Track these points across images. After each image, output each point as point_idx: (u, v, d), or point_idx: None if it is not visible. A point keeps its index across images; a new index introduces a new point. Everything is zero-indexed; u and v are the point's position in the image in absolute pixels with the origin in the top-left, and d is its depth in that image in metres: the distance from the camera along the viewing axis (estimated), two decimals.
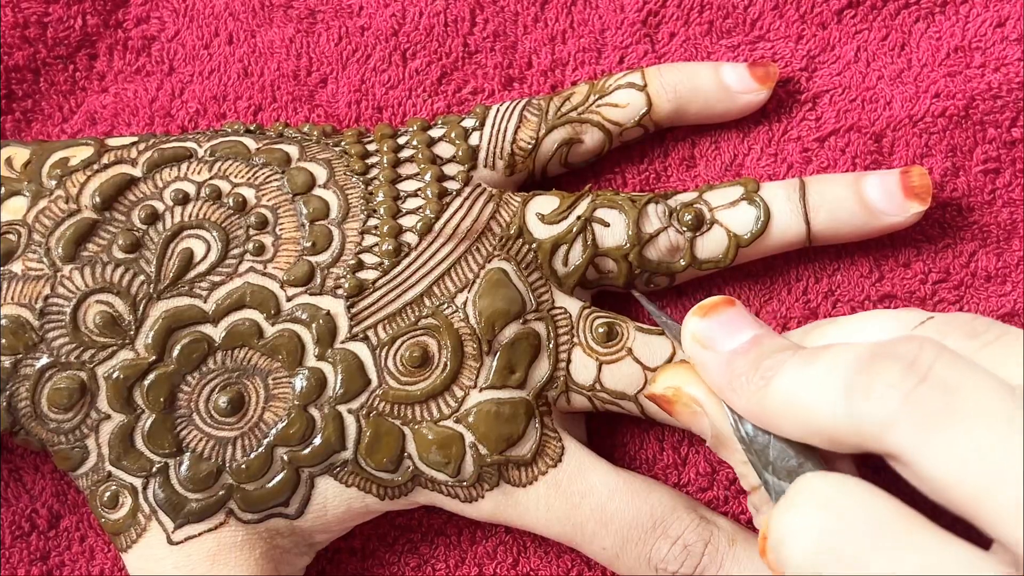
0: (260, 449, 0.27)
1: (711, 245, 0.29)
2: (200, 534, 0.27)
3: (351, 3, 0.33)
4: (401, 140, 0.30)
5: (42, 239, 0.27)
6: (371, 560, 0.31)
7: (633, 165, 0.32)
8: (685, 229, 0.29)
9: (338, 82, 0.33)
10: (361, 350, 0.27)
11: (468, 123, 0.30)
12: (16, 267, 0.27)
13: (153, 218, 0.28)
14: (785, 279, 0.31)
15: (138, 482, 0.27)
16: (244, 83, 0.33)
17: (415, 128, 0.30)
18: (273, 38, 0.33)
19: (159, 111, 0.33)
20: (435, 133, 0.30)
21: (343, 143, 0.29)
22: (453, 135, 0.30)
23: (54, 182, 0.28)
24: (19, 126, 0.33)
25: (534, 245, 0.28)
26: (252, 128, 0.30)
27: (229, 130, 0.30)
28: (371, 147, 0.30)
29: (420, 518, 0.30)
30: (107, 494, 0.27)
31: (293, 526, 0.27)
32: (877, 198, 0.28)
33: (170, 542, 0.27)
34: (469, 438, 0.27)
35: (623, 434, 0.30)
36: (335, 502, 0.27)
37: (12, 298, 0.27)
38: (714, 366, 0.24)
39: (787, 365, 0.22)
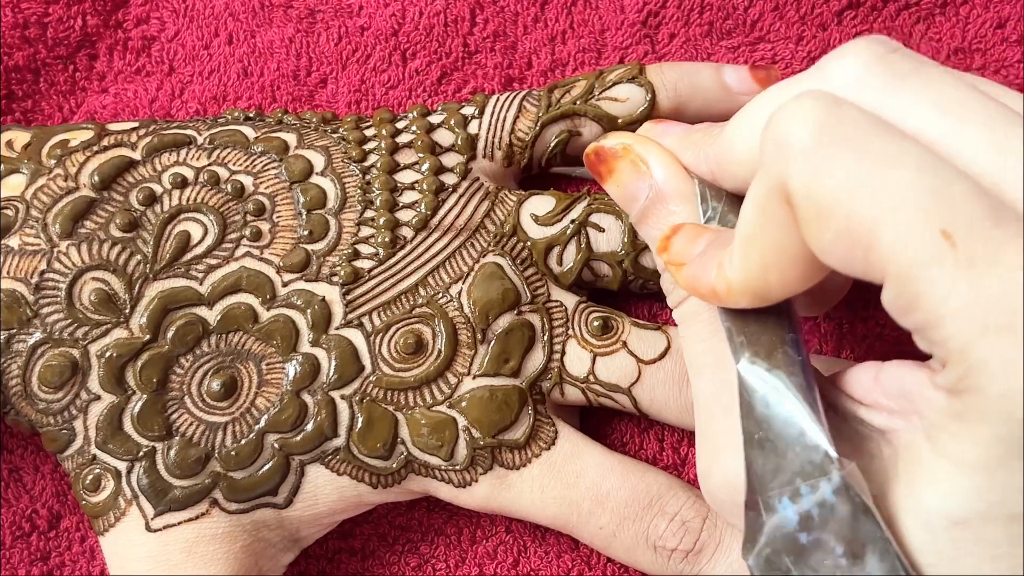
0: (251, 435, 0.27)
1: None
2: (180, 523, 0.27)
3: (351, 3, 0.33)
4: (400, 124, 0.30)
5: (40, 215, 0.27)
6: (371, 560, 0.31)
7: None
8: None
9: (338, 82, 0.33)
10: (355, 336, 0.27)
11: (467, 111, 0.30)
12: (13, 242, 0.27)
13: (151, 200, 0.28)
14: None
15: (122, 466, 0.27)
16: (244, 83, 0.33)
17: (415, 114, 0.30)
18: (273, 38, 0.33)
19: (159, 111, 0.33)
20: (434, 119, 0.30)
21: (341, 129, 0.30)
22: (452, 122, 0.30)
23: (53, 161, 0.28)
24: None
25: (528, 243, 0.29)
26: (252, 115, 0.31)
27: (229, 118, 0.30)
28: (369, 132, 0.30)
29: (420, 518, 0.30)
30: (90, 477, 0.27)
31: (281, 517, 0.27)
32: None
33: (148, 529, 0.27)
34: (462, 422, 0.27)
35: (621, 433, 0.30)
36: (326, 490, 0.27)
37: (8, 272, 0.27)
38: (672, 134, 0.26)
39: (737, 115, 0.23)
